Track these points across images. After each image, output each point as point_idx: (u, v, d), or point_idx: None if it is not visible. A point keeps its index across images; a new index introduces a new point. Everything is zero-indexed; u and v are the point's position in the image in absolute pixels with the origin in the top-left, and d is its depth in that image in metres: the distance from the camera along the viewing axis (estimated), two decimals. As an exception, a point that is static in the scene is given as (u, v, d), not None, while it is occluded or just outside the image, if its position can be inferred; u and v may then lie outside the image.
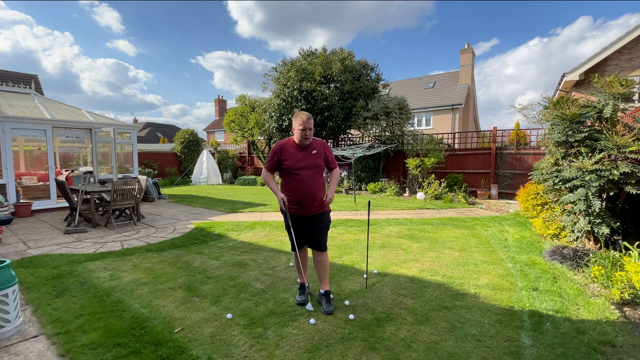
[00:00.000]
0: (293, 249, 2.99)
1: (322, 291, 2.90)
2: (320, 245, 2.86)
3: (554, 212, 5.39)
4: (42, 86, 16.11)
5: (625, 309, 2.84)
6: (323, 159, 2.86)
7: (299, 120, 2.73)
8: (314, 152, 2.82)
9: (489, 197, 10.13)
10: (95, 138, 9.19)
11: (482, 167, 10.71)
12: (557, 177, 4.44)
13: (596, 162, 3.97)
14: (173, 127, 44.32)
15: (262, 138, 16.61)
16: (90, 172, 9.60)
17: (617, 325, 2.57)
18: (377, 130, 12.54)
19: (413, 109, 16.21)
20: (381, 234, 5.60)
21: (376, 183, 11.57)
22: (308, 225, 2.88)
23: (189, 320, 2.64)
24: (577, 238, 4.43)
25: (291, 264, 4.01)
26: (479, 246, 4.80)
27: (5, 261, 2.53)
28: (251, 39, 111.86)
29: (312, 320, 2.62)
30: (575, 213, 4.43)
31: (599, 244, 4.15)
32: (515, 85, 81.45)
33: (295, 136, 2.79)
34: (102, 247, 4.79)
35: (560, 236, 4.90)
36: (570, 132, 4.34)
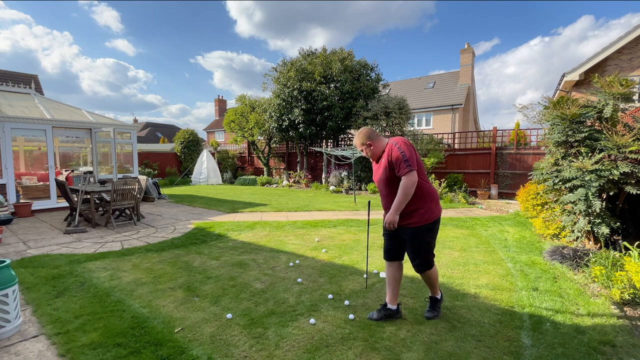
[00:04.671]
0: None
1: (430, 294, 2.76)
2: (414, 265, 2.56)
3: (554, 212, 5.39)
4: (42, 86, 16.11)
5: (625, 308, 2.84)
6: (386, 168, 2.46)
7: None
8: (382, 161, 2.53)
9: (489, 197, 10.13)
10: (95, 138, 9.19)
11: (482, 167, 10.71)
12: (557, 177, 4.43)
13: (596, 162, 3.97)
14: (173, 127, 44.33)
15: (262, 138, 16.61)
16: (90, 172, 9.60)
17: (617, 325, 2.57)
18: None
19: (413, 109, 16.21)
20: (381, 233, 5.58)
21: (376, 183, 11.55)
22: (401, 237, 2.59)
23: (189, 320, 2.64)
24: (577, 238, 4.43)
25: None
26: (479, 246, 4.80)
27: (5, 261, 2.53)
28: (250, 39, 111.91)
29: (312, 320, 2.62)
30: (575, 213, 4.43)
31: (599, 244, 4.15)
32: (516, 85, 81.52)
33: None
34: (102, 247, 4.79)
35: (560, 236, 4.90)
36: (570, 132, 4.34)
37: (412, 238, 2.50)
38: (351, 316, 2.69)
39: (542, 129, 8.63)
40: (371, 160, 2.70)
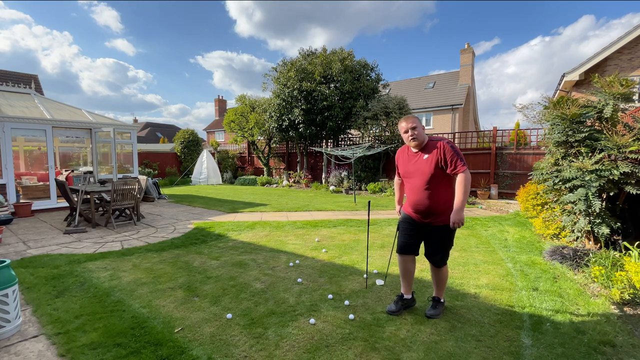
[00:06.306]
0: (397, 250, 2.80)
1: (434, 294, 2.83)
2: (436, 260, 2.67)
3: (554, 212, 5.39)
4: (42, 86, 16.11)
5: (625, 308, 2.84)
6: (436, 163, 2.48)
7: (400, 125, 2.62)
8: (425, 156, 2.54)
9: (489, 197, 10.13)
10: (95, 138, 9.19)
11: (482, 167, 10.71)
12: (557, 177, 4.43)
13: (596, 162, 3.97)
14: (173, 127, 44.32)
15: (262, 138, 16.60)
16: (90, 172, 9.60)
17: (617, 325, 2.57)
18: (377, 130, 12.54)
19: (413, 109, 16.22)
20: (381, 234, 5.59)
21: (376, 183, 11.57)
22: (424, 232, 2.67)
23: (189, 320, 2.64)
24: (577, 238, 4.43)
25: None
26: (479, 246, 4.80)
27: (5, 261, 2.53)
28: (250, 39, 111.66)
29: (312, 320, 2.62)
30: (575, 213, 4.43)
31: (599, 244, 4.15)
32: (516, 85, 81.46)
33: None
34: (102, 247, 4.79)
35: (560, 236, 4.90)
36: (570, 132, 4.34)
37: (440, 234, 2.59)
38: (351, 316, 2.69)
39: (542, 129, 8.63)
40: (412, 143, 2.59)
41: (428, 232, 2.64)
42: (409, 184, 2.66)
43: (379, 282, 3.38)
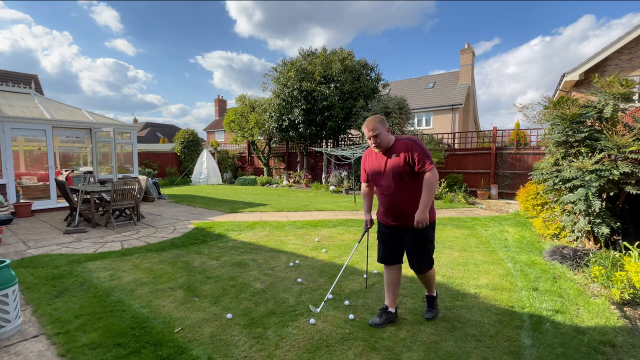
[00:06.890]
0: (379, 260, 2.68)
1: (426, 294, 2.77)
2: (421, 267, 2.54)
3: (554, 212, 5.39)
4: (41, 86, 16.10)
5: (625, 309, 2.84)
6: (404, 163, 2.39)
7: (363, 130, 2.48)
8: (393, 156, 2.43)
9: (489, 197, 10.13)
10: (95, 138, 9.19)
11: (482, 167, 10.71)
12: (557, 177, 4.43)
13: (596, 162, 3.97)
14: (173, 127, 44.32)
15: (262, 138, 16.61)
16: (90, 172, 9.60)
17: (617, 325, 2.57)
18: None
19: (413, 109, 16.21)
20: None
21: (376, 183, 11.56)
22: (403, 239, 2.54)
23: (189, 320, 2.64)
24: (577, 238, 4.43)
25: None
26: (479, 246, 4.80)
27: (5, 261, 2.53)
28: (250, 38, 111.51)
29: (312, 320, 2.62)
30: (575, 213, 4.43)
31: (599, 244, 4.15)
32: (516, 85, 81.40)
33: None
34: (102, 247, 4.79)
35: (560, 236, 4.90)
36: (570, 132, 4.34)
37: (420, 237, 2.47)
38: (351, 316, 2.69)
39: (542, 129, 8.63)
40: (376, 150, 2.50)
41: (405, 236, 2.52)
42: (380, 187, 2.55)
43: (314, 309, 2.82)
